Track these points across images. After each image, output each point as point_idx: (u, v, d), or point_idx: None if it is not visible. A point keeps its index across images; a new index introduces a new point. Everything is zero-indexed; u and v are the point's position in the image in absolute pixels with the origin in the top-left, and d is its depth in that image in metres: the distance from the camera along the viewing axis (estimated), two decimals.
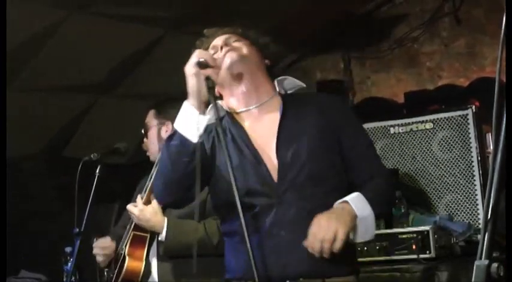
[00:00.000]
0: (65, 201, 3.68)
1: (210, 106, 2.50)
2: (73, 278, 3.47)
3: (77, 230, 3.44)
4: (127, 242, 3.43)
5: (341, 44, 5.70)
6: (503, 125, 1.40)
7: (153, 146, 3.64)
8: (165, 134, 3.62)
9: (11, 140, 4.18)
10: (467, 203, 4.05)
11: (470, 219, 4.02)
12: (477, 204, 4.01)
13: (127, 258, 3.39)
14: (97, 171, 3.54)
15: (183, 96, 2.51)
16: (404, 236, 3.77)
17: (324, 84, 5.49)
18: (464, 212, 4.06)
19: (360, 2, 5.53)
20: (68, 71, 4.68)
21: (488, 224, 1.36)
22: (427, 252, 3.70)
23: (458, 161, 4.10)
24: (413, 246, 3.72)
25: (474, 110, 4.07)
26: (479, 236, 1.37)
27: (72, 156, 4.65)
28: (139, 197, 3.35)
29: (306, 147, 2.46)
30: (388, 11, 5.59)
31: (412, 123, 4.23)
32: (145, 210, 3.30)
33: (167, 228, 3.29)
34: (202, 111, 2.42)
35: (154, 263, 3.44)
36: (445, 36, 5.41)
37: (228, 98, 2.58)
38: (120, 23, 4.48)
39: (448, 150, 4.13)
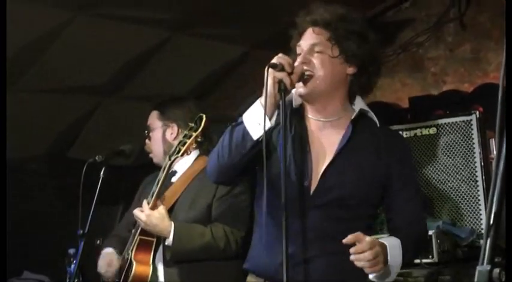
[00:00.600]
0: (69, 203, 3.69)
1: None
2: (76, 279, 3.47)
3: (81, 231, 3.45)
4: (133, 246, 3.42)
5: None
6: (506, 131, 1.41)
7: (157, 147, 3.63)
8: (170, 136, 3.62)
9: (16, 141, 4.20)
10: (470, 208, 4.05)
11: (473, 225, 4.01)
12: (480, 210, 4.00)
13: (134, 263, 3.38)
14: (101, 173, 3.55)
15: (186, 96, 2.54)
16: None
17: None
18: (467, 217, 4.06)
19: (366, 7, 5.53)
20: (73, 73, 4.70)
21: (490, 230, 1.36)
22: (430, 256, 3.70)
23: (462, 166, 4.10)
24: None
25: (478, 116, 4.07)
26: (482, 242, 1.38)
27: (77, 158, 4.66)
28: (145, 202, 3.34)
29: (352, 181, 2.56)
30: (394, 16, 5.59)
31: (416, 128, 4.23)
32: (152, 215, 3.29)
33: (174, 232, 3.29)
34: (270, 113, 2.46)
35: (160, 268, 3.43)
36: (450, 41, 5.41)
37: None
38: (125, 24, 4.48)
39: (452, 155, 4.13)
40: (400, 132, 4.32)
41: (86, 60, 4.62)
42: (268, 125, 2.44)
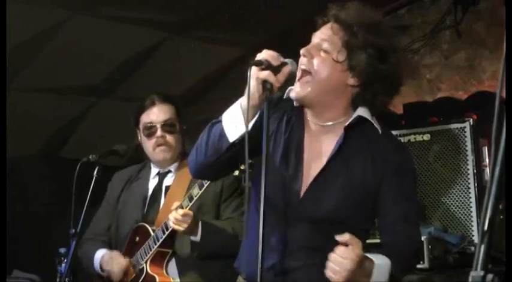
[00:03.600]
0: (62, 202, 3.68)
1: (289, 89, 2.44)
2: (67, 279, 3.46)
3: (73, 230, 3.44)
4: (149, 257, 3.40)
5: None
6: (503, 138, 1.41)
7: (179, 146, 3.57)
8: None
9: (9, 140, 4.18)
10: (462, 215, 4.06)
11: (465, 231, 4.03)
12: (472, 217, 4.02)
13: (157, 277, 3.36)
14: (95, 172, 3.54)
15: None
16: None
17: None
18: (458, 224, 4.07)
19: None
20: (68, 73, 4.69)
21: (485, 235, 1.37)
22: (421, 262, 3.71)
23: (455, 173, 4.11)
24: None
25: (472, 123, 4.08)
26: (473, 248, 1.38)
27: (71, 158, 4.65)
28: (175, 204, 3.27)
29: (342, 192, 2.40)
30: (390, 22, 5.61)
31: (410, 134, 4.24)
32: (188, 214, 3.24)
33: (202, 228, 3.26)
34: (251, 115, 2.29)
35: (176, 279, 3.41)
36: (446, 48, 5.43)
37: None
38: (121, 25, 4.48)
39: (445, 162, 4.14)
40: None
41: (81, 61, 4.62)
42: (242, 130, 2.28)
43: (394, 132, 4.31)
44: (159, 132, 3.52)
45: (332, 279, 2.23)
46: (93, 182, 3.50)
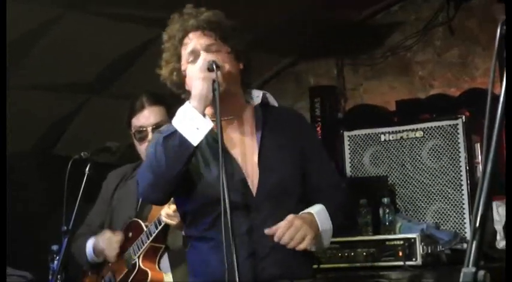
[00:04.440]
0: (55, 199, 3.67)
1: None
2: (59, 276, 3.45)
3: (65, 228, 3.42)
4: (141, 252, 3.40)
5: (335, 50, 5.71)
6: (495, 135, 1.41)
7: None
8: None
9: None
10: (454, 212, 4.08)
11: (457, 228, 4.04)
12: (464, 213, 4.03)
13: (149, 272, 3.37)
14: (86, 169, 3.53)
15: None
16: (391, 243, 3.80)
17: (317, 90, 5.52)
18: (451, 221, 4.09)
19: (355, 9, 5.55)
20: (61, 70, 4.67)
21: (476, 232, 1.37)
22: (414, 259, 3.73)
23: (447, 170, 4.12)
24: (400, 253, 3.74)
25: (464, 120, 4.10)
26: (466, 245, 1.39)
27: (63, 155, 4.64)
28: (166, 206, 3.25)
29: (282, 164, 2.56)
30: (383, 19, 5.61)
31: (403, 131, 4.25)
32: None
33: None
34: (205, 116, 2.42)
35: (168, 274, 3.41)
36: (438, 45, 5.44)
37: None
38: (114, 22, 4.47)
39: (437, 159, 4.15)
40: (387, 135, 4.34)
41: (74, 58, 4.60)
42: (205, 131, 2.40)
43: (386, 129, 4.33)
44: (150, 136, 3.50)
45: (293, 246, 2.43)
46: (85, 179, 3.49)
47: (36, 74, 4.60)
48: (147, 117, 3.52)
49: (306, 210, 2.53)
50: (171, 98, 3.54)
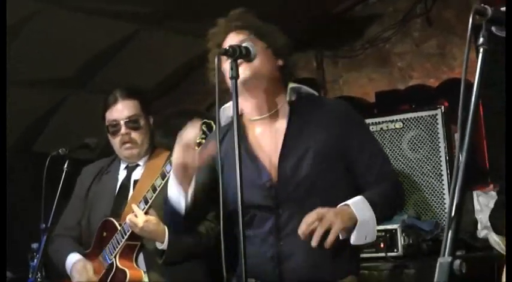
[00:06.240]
0: (34, 197, 3.64)
1: (223, 106, 2.53)
2: (39, 274, 3.42)
3: (44, 225, 3.40)
4: (117, 252, 3.36)
5: (314, 43, 5.72)
6: (469, 125, 1.42)
7: (146, 140, 3.55)
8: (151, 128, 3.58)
9: None
10: (435, 202, 4.09)
11: (438, 218, 4.06)
12: (444, 203, 4.04)
13: (126, 269, 3.33)
14: (65, 166, 3.51)
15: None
16: None
17: (296, 82, 5.50)
18: (431, 211, 4.10)
19: (334, 2, 5.55)
20: (40, 65, 4.64)
21: (452, 222, 1.37)
22: (395, 250, 3.74)
23: (427, 160, 4.13)
24: (382, 245, 3.75)
25: (443, 110, 4.11)
26: None
27: (43, 152, 4.61)
28: (136, 207, 3.22)
29: (309, 161, 2.47)
30: (362, 11, 5.62)
31: (382, 122, 4.26)
32: (150, 221, 3.18)
33: (169, 236, 3.19)
34: (186, 187, 2.49)
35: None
36: (417, 36, 5.46)
37: (241, 103, 2.49)
38: (93, 17, 4.44)
39: (417, 149, 4.16)
40: None
41: (53, 53, 4.57)
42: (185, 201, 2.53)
43: (366, 121, 4.34)
44: (123, 130, 3.48)
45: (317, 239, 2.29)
46: (63, 176, 3.47)
47: (14, 70, 4.56)
48: (120, 110, 3.51)
49: (342, 204, 2.39)
50: (146, 92, 3.55)
